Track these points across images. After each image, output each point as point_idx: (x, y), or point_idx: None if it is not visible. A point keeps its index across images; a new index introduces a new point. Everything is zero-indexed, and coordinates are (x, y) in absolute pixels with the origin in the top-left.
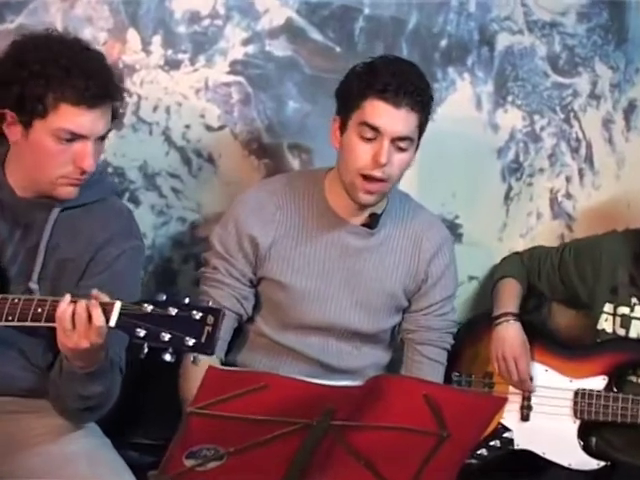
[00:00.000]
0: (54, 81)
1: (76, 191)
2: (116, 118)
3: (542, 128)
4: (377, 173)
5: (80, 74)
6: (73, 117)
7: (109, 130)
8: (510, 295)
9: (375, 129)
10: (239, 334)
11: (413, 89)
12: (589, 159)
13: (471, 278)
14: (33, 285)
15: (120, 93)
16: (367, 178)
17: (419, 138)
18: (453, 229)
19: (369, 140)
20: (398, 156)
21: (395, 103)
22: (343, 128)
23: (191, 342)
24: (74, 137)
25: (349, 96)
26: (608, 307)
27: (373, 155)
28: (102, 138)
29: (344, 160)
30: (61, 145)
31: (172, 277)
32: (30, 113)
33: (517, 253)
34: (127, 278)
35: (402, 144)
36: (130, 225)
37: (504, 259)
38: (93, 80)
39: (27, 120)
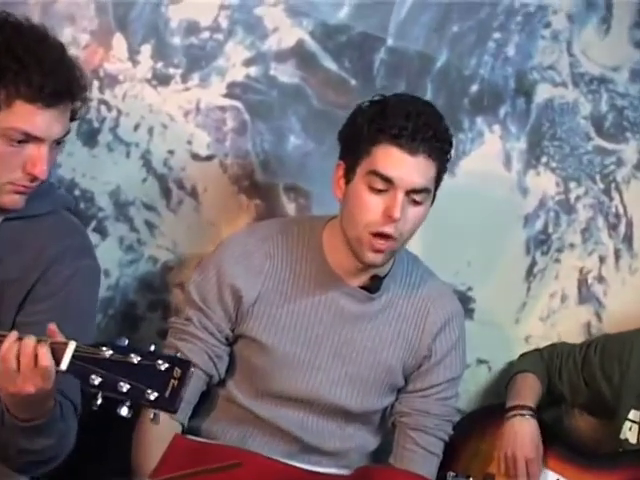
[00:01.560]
0: (7, 74)
1: (22, 200)
2: (75, 120)
3: (577, 198)
4: (388, 229)
5: (38, 67)
6: (27, 116)
7: (66, 134)
8: (529, 389)
9: (387, 180)
10: (206, 398)
11: (432, 134)
12: (628, 239)
13: (480, 362)
14: None
15: (82, 92)
16: (376, 235)
17: (435, 189)
18: (464, 302)
19: (379, 192)
20: (412, 210)
21: (411, 150)
22: (349, 176)
23: (153, 396)
24: (27, 139)
25: (357, 140)
26: (633, 414)
27: (384, 209)
28: (58, 142)
29: (350, 213)
30: (11, 147)
31: (134, 324)
32: None
33: (538, 350)
34: (82, 304)
35: (417, 197)
36: (85, 242)
37: (523, 355)
38: (52, 75)
39: None
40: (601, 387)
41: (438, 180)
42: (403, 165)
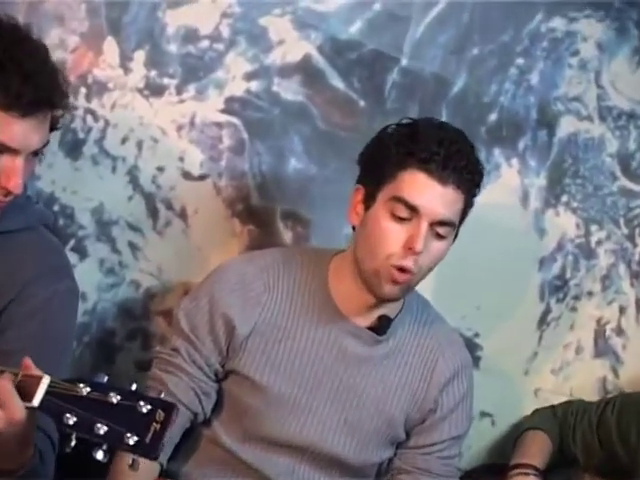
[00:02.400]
0: None
1: None
2: (55, 130)
3: (599, 242)
4: (407, 263)
5: (16, 72)
6: (2, 126)
7: (45, 145)
8: (537, 447)
9: (412, 208)
10: (189, 438)
11: (464, 164)
12: None
13: (483, 414)
14: None
15: (64, 99)
16: (394, 267)
17: (459, 225)
18: (471, 349)
19: (402, 220)
20: (435, 245)
21: (441, 178)
22: (368, 202)
23: (132, 440)
24: (1, 149)
25: (382, 163)
26: None
27: (406, 240)
28: (36, 154)
29: (367, 242)
30: None
31: (111, 354)
32: None
33: (552, 406)
34: (59, 331)
35: (442, 230)
36: (63, 262)
37: (536, 411)
38: (32, 81)
39: None
40: (617, 449)
41: (464, 215)
42: (430, 193)
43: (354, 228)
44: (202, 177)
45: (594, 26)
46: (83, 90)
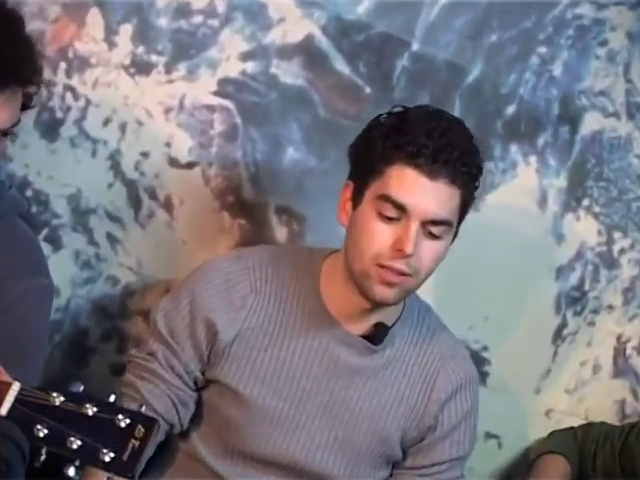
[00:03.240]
0: None
1: None
2: (29, 108)
3: (622, 251)
4: (398, 265)
5: None
6: None
7: (14, 125)
8: (555, 473)
9: (400, 207)
10: (163, 451)
11: (457, 155)
12: None
13: (489, 436)
14: None
15: (35, 75)
16: (384, 267)
17: (459, 222)
18: (477, 364)
19: (390, 220)
20: (429, 245)
21: (430, 173)
22: (356, 199)
23: (108, 457)
24: None
25: (368, 157)
26: None
27: (394, 241)
28: (5, 134)
29: (355, 242)
30: None
31: (84, 356)
32: None
33: (572, 428)
34: (32, 332)
35: (436, 230)
36: (39, 257)
37: (554, 433)
38: (1, 54)
39: None
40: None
41: (463, 212)
42: (420, 190)
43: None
44: (190, 165)
45: (625, 14)
46: (63, 65)
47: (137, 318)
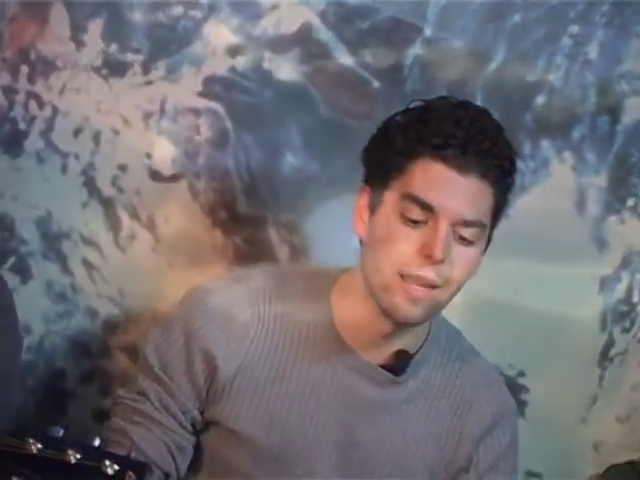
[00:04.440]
0: None
1: None
2: None
3: None
4: (427, 274)
5: None
6: None
7: None
8: None
9: (427, 207)
10: None
11: (489, 146)
12: None
13: (530, 475)
14: None
15: None
16: (409, 278)
17: (493, 227)
18: (513, 392)
19: (415, 223)
20: (461, 251)
21: (460, 167)
22: (374, 205)
23: None
24: None
25: (388, 155)
26: None
27: (422, 246)
28: None
29: (374, 252)
30: None
31: (62, 402)
32: None
33: (631, 463)
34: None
35: (468, 233)
36: (7, 303)
37: (611, 468)
38: None
39: None
40: None
41: (496, 215)
42: (448, 187)
43: (362, 241)
44: (175, 178)
45: None
46: (24, 69)
47: (121, 355)
